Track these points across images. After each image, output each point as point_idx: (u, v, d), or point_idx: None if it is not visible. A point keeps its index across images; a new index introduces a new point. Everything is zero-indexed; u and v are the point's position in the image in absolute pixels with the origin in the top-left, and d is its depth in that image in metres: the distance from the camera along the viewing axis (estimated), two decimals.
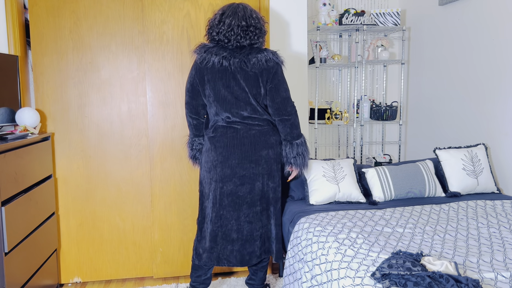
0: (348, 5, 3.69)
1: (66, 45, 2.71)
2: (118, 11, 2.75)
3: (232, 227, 2.30)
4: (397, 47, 3.79)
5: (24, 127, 2.46)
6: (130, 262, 2.91)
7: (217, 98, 2.28)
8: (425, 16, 3.41)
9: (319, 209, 2.40)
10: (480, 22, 2.84)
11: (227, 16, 2.23)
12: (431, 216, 2.21)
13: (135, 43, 2.78)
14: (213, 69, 2.26)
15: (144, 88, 2.82)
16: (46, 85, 2.71)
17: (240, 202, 2.28)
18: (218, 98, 2.28)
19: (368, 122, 3.68)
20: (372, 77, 3.81)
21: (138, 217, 2.88)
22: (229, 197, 2.28)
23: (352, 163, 2.66)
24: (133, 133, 2.83)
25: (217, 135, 2.29)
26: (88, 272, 2.87)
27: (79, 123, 2.77)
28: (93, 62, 2.75)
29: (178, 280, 2.93)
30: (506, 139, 2.67)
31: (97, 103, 2.78)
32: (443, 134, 3.25)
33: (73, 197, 2.80)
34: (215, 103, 2.29)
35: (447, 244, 1.85)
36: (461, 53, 3.03)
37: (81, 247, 2.84)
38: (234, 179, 2.27)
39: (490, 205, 2.36)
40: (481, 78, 2.85)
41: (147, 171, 2.86)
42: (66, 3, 2.69)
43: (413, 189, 2.57)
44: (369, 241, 1.86)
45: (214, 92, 2.26)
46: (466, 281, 1.38)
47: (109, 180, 2.83)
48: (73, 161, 2.78)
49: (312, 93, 3.64)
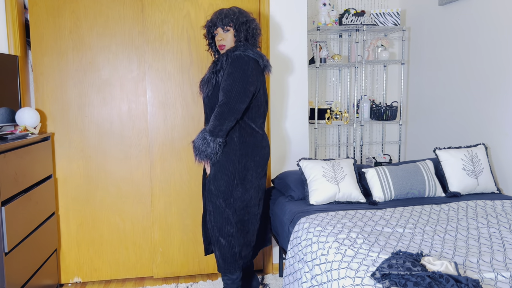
0: (348, 5, 3.69)
1: (66, 45, 2.71)
2: (118, 11, 2.75)
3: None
4: (397, 47, 3.79)
5: (24, 127, 2.46)
6: (130, 262, 2.91)
7: (260, 102, 2.30)
8: (425, 16, 3.41)
9: (319, 209, 2.40)
10: (480, 22, 2.84)
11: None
12: (431, 216, 2.21)
13: (135, 43, 2.78)
14: (259, 71, 2.28)
15: (144, 88, 2.82)
16: (46, 85, 2.71)
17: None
18: (261, 103, 2.30)
19: (368, 122, 3.68)
20: (372, 77, 3.81)
21: (138, 217, 2.88)
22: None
23: (352, 163, 2.66)
24: (133, 133, 2.83)
25: (256, 142, 2.30)
26: (88, 272, 2.87)
27: (79, 123, 2.77)
28: (93, 62, 2.75)
29: (178, 280, 2.93)
30: (506, 139, 2.67)
31: (97, 103, 2.78)
32: (443, 134, 3.25)
33: (73, 197, 2.80)
34: (256, 108, 2.28)
35: (447, 244, 1.85)
36: (461, 53, 3.03)
37: (81, 247, 2.84)
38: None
39: (490, 205, 2.35)
40: (481, 78, 2.85)
41: (147, 171, 2.85)
42: (66, 3, 2.69)
43: (413, 189, 2.57)
44: (369, 241, 1.86)
45: (259, 96, 2.29)
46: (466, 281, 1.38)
47: (109, 180, 2.83)
48: (73, 161, 2.78)
49: (312, 93, 3.63)
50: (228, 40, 2.30)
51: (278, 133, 3.00)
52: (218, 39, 2.31)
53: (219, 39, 2.31)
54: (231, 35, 2.30)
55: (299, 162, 2.62)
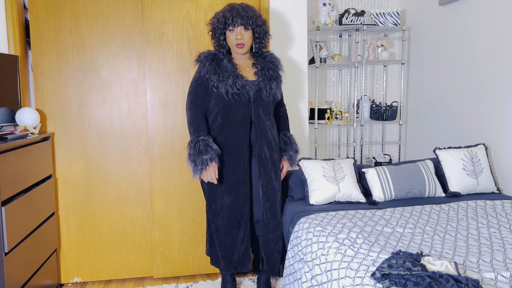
0: (348, 5, 3.69)
1: (66, 45, 2.71)
2: (118, 11, 2.74)
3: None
4: (397, 47, 3.79)
5: (24, 127, 2.46)
6: (130, 262, 2.90)
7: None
8: (425, 16, 3.41)
9: (319, 209, 2.40)
10: (480, 22, 2.84)
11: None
12: (431, 216, 2.21)
13: (135, 43, 2.78)
14: None
15: (144, 88, 2.82)
16: (46, 85, 2.71)
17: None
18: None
19: (368, 122, 3.68)
20: (372, 77, 3.81)
21: (138, 217, 2.88)
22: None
23: (352, 163, 2.66)
24: (133, 133, 2.83)
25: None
26: (88, 272, 2.87)
27: (78, 123, 2.77)
28: (93, 62, 2.75)
29: (178, 280, 2.93)
30: (506, 139, 2.67)
31: (97, 103, 2.78)
32: (443, 134, 3.25)
33: (73, 197, 2.80)
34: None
35: (447, 244, 1.85)
36: (461, 53, 3.03)
37: (81, 247, 2.84)
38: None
39: (490, 205, 2.35)
40: (481, 78, 2.85)
41: (147, 171, 2.85)
42: (66, 3, 2.69)
43: (413, 189, 2.57)
44: (369, 241, 1.86)
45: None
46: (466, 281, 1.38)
47: (109, 180, 2.83)
48: (73, 161, 2.78)
49: (312, 93, 3.63)
50: (247, 39, 2.25)
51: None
52: (237, 37, 2.23)
53: (238, 37, 2.23)
54: (250, 34, 2.26)
55: (299, 162, 2.62)
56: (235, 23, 2.20)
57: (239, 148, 2.26)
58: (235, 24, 2.21)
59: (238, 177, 2.27)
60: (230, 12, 2.22)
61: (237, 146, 2.26)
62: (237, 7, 2.23)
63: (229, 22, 2.21)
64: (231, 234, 2.31)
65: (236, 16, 2.19)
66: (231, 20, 2.20)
